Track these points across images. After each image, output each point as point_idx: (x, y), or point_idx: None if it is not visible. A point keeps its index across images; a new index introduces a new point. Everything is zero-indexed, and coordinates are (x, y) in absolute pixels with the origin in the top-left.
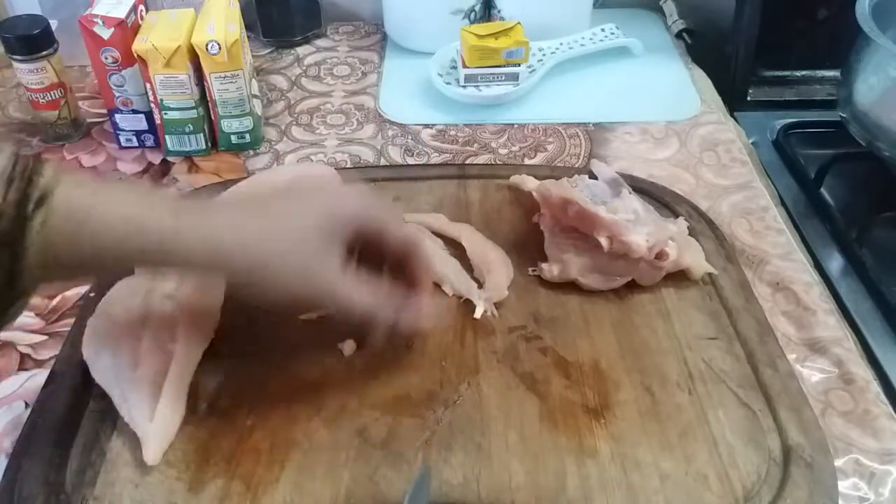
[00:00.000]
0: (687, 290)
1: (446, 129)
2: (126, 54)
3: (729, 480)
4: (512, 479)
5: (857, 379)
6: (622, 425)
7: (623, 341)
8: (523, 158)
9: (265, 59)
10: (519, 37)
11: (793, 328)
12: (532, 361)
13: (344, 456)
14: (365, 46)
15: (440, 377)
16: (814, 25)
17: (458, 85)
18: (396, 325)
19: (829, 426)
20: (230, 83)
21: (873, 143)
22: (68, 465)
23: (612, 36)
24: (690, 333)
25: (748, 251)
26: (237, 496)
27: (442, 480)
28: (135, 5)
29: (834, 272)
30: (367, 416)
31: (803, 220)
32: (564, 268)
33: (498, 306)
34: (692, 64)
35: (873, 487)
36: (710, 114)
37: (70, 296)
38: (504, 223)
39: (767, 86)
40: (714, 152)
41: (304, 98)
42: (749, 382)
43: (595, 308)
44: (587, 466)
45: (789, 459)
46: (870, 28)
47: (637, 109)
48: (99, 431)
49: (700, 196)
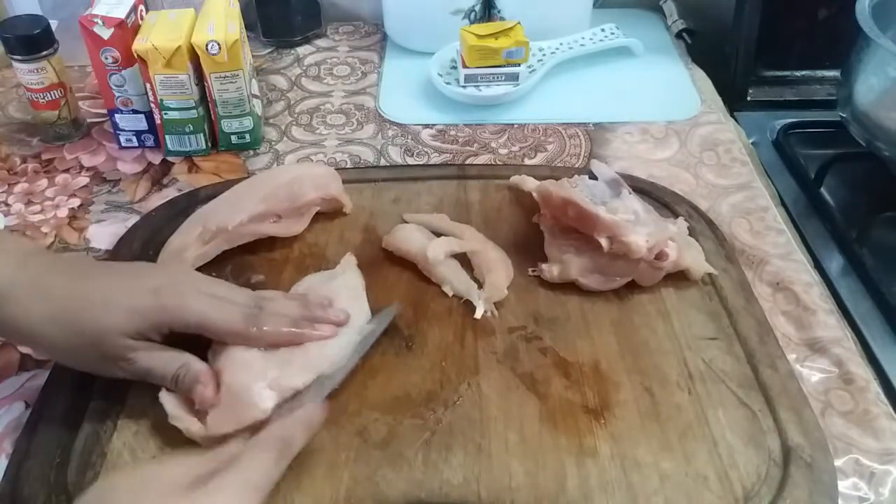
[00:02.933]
0: (687, 290)
1: (446, 129)
2: (126, 54)
3: (729, 480)
4: (512, 480)
5: (857, 379)
6: (622, 425)
7: (623, 342)
8: (523, 158)
9: (265, 59)
10: (519, 37)
11: (793, 328)
12: (532, 362)
13: (344, 456)
14: (365, 46)
15: (440, 377)
16: (814, 25)
17: (458, 85)
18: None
19: (829, 426)
20: (230, 83)
21: (873, 143)
22: (69, 466)
23: (612, 36)
24: (690, 334)
25: (748, 251)
26: None
27: (442, 480)
28: (135, 5)
29: (834, 272)
30: (367, 416)
31: (803, 220)
32: (564, 268)
33: (498, 307)
34: (692, 64)
35: (873, 487)
36: (710, 114)
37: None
38: (504, 223)
39: (767, 86)
40: (714, 152)
41: (304, 98)
42: (749, 382)
43: (595, 308)
44: (587, 467)
45: (789, 459)
46: (870, 28)
47: (637, 109)
48: (99, 432)
49: (700, 196)
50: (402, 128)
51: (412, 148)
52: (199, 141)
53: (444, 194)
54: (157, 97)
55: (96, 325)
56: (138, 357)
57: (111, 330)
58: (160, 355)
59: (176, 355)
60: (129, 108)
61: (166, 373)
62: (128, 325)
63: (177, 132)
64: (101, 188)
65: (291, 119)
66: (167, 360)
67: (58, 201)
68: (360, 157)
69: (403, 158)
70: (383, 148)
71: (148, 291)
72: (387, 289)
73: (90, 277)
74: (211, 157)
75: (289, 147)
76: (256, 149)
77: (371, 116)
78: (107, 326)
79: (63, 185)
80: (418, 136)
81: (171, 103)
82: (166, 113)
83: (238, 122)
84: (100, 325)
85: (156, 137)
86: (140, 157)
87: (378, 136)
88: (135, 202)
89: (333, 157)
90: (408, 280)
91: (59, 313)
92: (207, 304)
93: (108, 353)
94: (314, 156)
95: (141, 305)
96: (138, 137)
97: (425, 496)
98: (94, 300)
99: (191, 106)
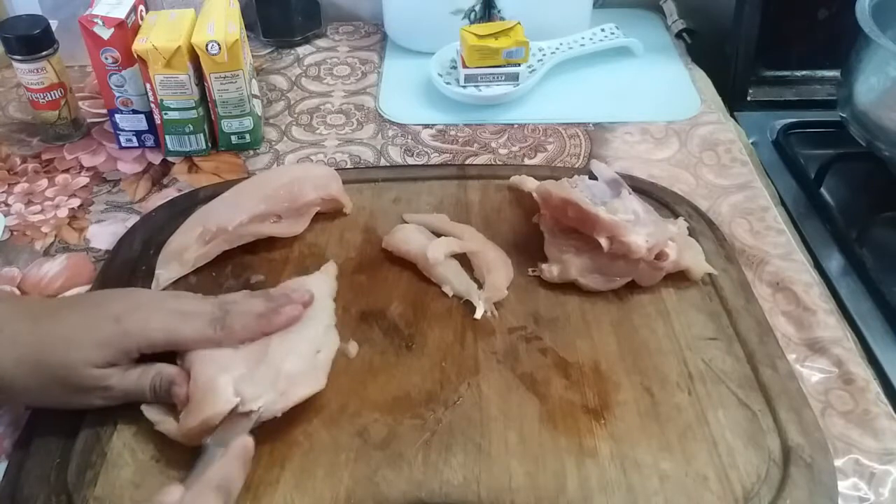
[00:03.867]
0: (687, 290)
1: (446, 129)
2: (126, 54)
3: (728, 481)
4: (512, 480)
5: (857, 379)
6: (622, 426)
7: (623, 342)
8: (523, 158)
9: (265, 59)
10: (519, 37)
11: (793, 328)
12: (532, 362)
13: (344, 457)
14: (365, 46)
15: (440, 378)
16: (814, 25)
17: (458, 85)
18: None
19: (828, 426)
20: (230, 83)
21: (873, 143)
22: (69, 466)
23: (612, 36)
24: (690, 334)
25: (748, 251)
26: (237, 497)
27: (442, 481)
28: (135, 5)
29: (834, 272)
30: (367, 416)
31: (803, 220)
32: (564, 268)
33: (498, 307)
34: (692, 64)
35: (873, 487)
36: (710, 114)
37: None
38: (504, 223)
39: (767, 86)
40: (714, 152)
41: (304, 98)
42: (749, 383)
43: (595, 309)
44: (587, 467)
45: (789, 460)
46: (870, 28)
47: (637, 109)
48: (99, 432)
49: (700, 196)
50: (402, 128)
51: (412, 148)
52: (199, 141)
53: (444, 194)
54: (157, 97)
55: (64, 362)
56: (112, 384)
57: (79, 364)
58: (132, 373)
59: (146, 367)
60: (129, 108)
61: (143, 387)
62: (96, 357)
63: (177, 132)
64: (101, 188)
65: (291, 119)
66: (140, 376)
67: (58, 201)
68: (360, 158)
69: (403, 158)
70: (383, 148)
71: (110, 320)
72: (387, 289)
73: (52, 317)
74: (211, 157)
75: (289, 147)
76: (256, 149)
77: (371, 116)
78: (74, 361)
79: (63, 185)
80: (418, 136)
81: (171, 103)
82: (166, 113)
83: (238, 122)
84: (67, 361)
85: (156, 137)
86: (140, 157)
87: (378, 136)
88: (135, 202)
89: (333, 157)
90: (408, 280)
91: (25, 357)
92: (171, 320)
93: (82, 387)
94: (314, 156)
95: (105, 336)
96: (138, 137)
97: (425, 496)
98: (58, 339)
99: (191, 106)
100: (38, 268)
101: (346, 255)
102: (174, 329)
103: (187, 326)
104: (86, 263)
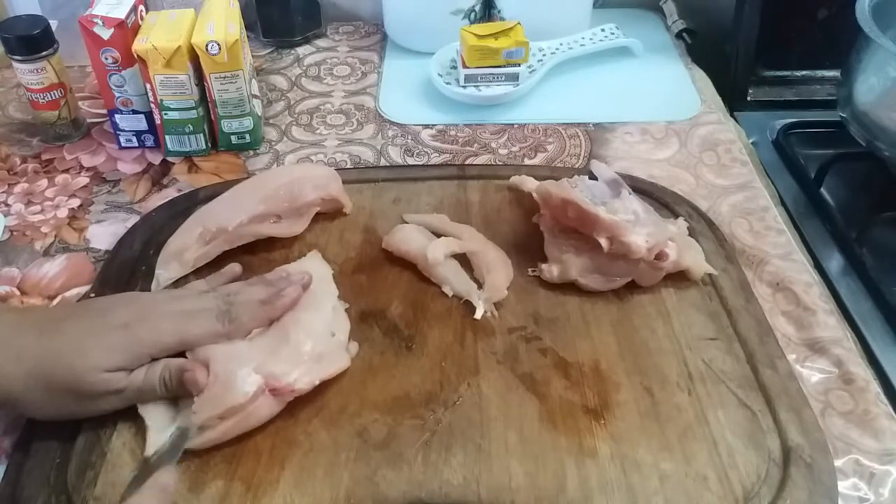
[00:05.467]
0: (687, 290)
1: (446, 130)
2: (126, 54)
3: (729, 481)
4: (512, 480)
5: (857, 379)
6: (622, 426)
7: (623, 342)
8: (523, 159)
9: (265, 59)
10: (519, 37)
11: (793, 328)
12: (532, 362)
13: (344, 457)
14: (365, 46)
15: (440, 378)
16: (814, 25)
17: (458, 85)
18: None
19: (828, 426)
20: (230, 83)
21: (873, 143)
22: (69, 466)
23: (612, 36)
24: (690, 334)
25: (748, 251)
26: (237, 497)
27: (442, 481)
28: (135, 5)
29: (834, 272)
30: (367, 416)
31: (803, 220)
32: (564, 268)
33: (498, 307)
34: (692, 64)
35: (873, 488)
36: (710, 114)
37: (70, 297)
38: (504, 224)
39: (767, 86)
40: (714, 152)
41: (304, 98)
42: (749, 383)
43: (595, 309)
44: (587, 467)
45: (789, 460)
46: (870, 28)
47: (637, 109)
48: (99, 432)
49: (700, 196)
50: (402, 128)
51: (412, 148)
52: (199, 141)
53: (444, 194)
54: (157, 97)
55: (73, 370)
56: (123, 386)
57: (89, 369)
58: (138, 373)
59: (153, 364)
60: (129, 109)
61: (152, 383)
62: (107, 362)
63: (177, 132)
64: (101, 188)
65: (291, 119)
66: (147, 372)
67: (58, 201)
68: (360, 158)
69: (403, 158)
70: (383, 148)
71: (118, 328)
72: (387, 289)
73: (57, 328)
74: (211, 157)
75: (289, 147)
76: (256, 149)
77: (371, 116)
78: (84, 368)
79: (63, 186)
80: (418, 136)
81: (171, 103)
82: (166, 113)
83: (238, 122)
84: (76, 368)
85: (156, 138)
86: (140, 158)
87: (378, 136)
88: (135, 202)
89: (333, 157)
90: (408, 280)
91: (33, 369)
92: (180, 323)
93: (92, 392)
94: (314, 156)
95: (114, 342)
96: (138, 137)
97: (425, 496)
98: (66, 348)
99: (191, 106)
100: (37, 268)
101: (346, 255)
102: (184, 331)
103: (196, 326)
104: (86, 263)
